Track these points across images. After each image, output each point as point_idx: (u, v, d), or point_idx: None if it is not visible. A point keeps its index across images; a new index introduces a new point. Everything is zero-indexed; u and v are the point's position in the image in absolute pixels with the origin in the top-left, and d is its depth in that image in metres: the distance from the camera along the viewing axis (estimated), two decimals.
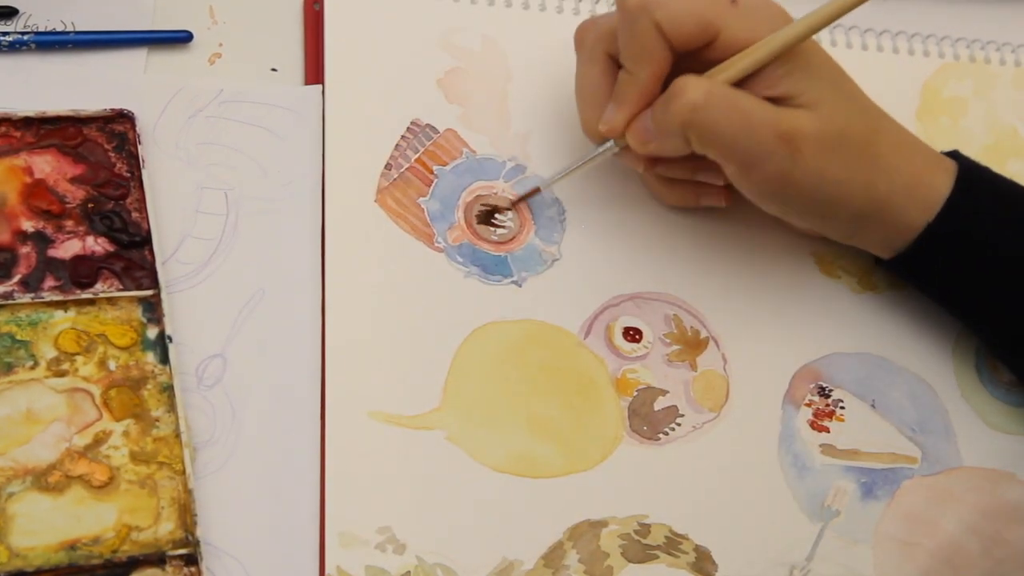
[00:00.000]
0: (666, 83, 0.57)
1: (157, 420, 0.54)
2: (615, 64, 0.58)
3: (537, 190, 0.62)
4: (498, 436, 0.58)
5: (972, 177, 0.60)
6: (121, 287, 0.56)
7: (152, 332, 0.56)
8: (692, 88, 0.55)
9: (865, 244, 0.62)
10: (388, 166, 0.62)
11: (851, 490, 0.61)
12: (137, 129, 0.59)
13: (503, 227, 0.62)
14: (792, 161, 0.56)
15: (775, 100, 0.56)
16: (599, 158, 0.60)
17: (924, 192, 0.59)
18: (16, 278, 0.55)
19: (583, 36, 0.60)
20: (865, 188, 0.58)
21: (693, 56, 0.56)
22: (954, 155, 0.61)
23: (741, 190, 0.59)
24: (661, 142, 0.57)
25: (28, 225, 0.56)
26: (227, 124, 0.61)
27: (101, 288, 0.56)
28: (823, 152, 0.56)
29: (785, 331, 0.63)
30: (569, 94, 0.61)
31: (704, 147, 0.56)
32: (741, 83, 0.56)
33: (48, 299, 0.55)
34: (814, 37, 0.57)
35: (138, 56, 0.62)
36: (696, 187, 0.62)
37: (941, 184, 0.59)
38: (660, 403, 0.60)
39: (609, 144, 0.59)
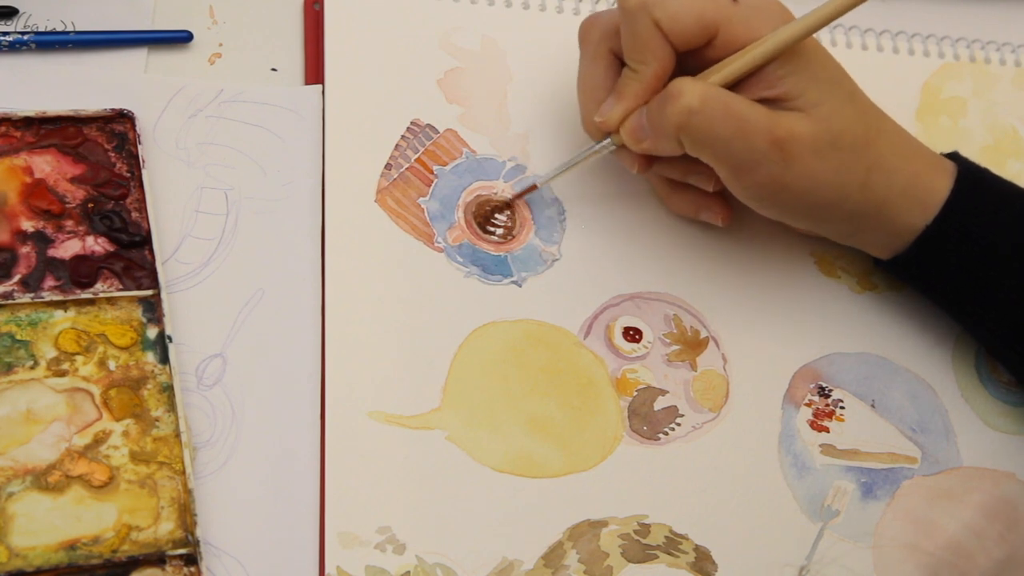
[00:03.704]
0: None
1: (157, 420, 0.54)
2: (618, 61, 0.58)
3: (534, 187, 0.62)
4: (498, 436, 0.58)
5: (972, 179, 0.60)
6: (121, 287, 0.56)
7: (152, 332, 0.56)
8: (688, 92, 0.55)
9: (864, 245, 0.62)
10: (388, 166, 0.62)
11: (851, 490, 0.61)
12: (137, 129, 0.59)
13: (501, 227, 0.62)
14: (784, 166, 0.56)
15: (773, 101, 0.56)
16: (596, 155, 0.60)
17: (923, 193, 0.59)
18: (16, 278, 0.55)
19: (587, 32, 0.60)
20: (861, 189, 0.58)
21: (694, 54, 0.56)
22: (954, 157, 0.61)
23: (734, 194, 0.58)
24: (655, 142, 0.57)
25: (28, 225, 0.56)
26: (227, 124, 0.61)
27: (101, 288, 0.56)
28: (817, 156, 0.56)
29: (785, 331, 0.63)
30: (569, 94, 0.61)
31: (697, 151, 0.56)
32: (739, 83, 0.56)
33: (48, 299, 0.55)
34: (816, 37, 0.57)
35: (138, 56, 0.62)
36: (695, 201, 0.62)
37: (940, 186, 0.59)
38: (660, 403, 0.60)
39: (606, 141, 0.59)
